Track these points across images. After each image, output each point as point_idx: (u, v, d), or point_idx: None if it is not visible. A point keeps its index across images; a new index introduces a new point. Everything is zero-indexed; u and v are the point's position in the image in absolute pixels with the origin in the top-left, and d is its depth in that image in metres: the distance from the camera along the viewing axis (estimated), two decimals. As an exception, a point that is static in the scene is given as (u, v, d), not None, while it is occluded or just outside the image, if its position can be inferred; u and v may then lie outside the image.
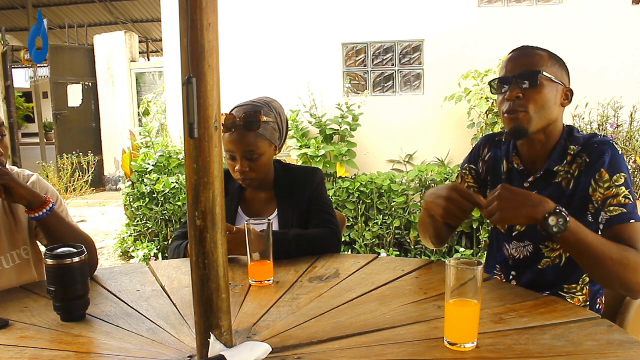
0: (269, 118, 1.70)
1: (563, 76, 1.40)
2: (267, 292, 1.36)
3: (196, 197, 0.94)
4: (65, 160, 7.53)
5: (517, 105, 1.35)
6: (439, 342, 1.02)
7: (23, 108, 17.13)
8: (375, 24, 5.22)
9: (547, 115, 1.36)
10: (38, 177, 1.58)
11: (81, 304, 1.21)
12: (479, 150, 1.60)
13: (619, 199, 1.27)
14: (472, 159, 1.62)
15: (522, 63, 1.37)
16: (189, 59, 0.90)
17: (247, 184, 1.73)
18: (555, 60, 1.40)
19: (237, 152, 1.67)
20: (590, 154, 1.34)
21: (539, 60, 1.37)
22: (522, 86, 1.35)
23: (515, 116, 1.36)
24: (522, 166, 1.47)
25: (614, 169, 1.30)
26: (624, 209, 1.26)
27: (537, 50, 1.40)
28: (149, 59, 12.09)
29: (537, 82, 1.34)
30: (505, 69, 1.41)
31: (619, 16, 4.70)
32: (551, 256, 1.43)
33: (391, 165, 5.18)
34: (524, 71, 1.35)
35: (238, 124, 1.64)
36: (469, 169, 1.61)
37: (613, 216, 1.27)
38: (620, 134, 3.74)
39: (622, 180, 1.29)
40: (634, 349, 0.97)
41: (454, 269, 0.99)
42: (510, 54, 1.44)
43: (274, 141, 1.73)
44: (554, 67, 1.38)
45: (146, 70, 8.32)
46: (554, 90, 1.36)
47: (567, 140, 1.40)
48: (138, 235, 4.80)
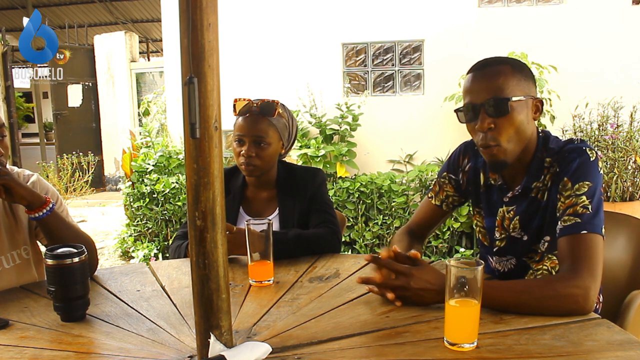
0: (284, 114, 1.76)
1: (530, 87, 1.30)
2: (267, 292, 1.36)
3: (196, 197, 0.94)
4: (65, 160, 7.52)
5: (490, 138, 1.28)
6: (439, 342, 1.02)
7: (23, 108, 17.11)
8: (375, 24, 5.22)
9: (522, 139, 1.30)
10: (38, 177, 1.58)
11: (81, 304, 1.21)
12: (458, 160, 1.56)
13: (576, 208, 1.22)
14: (450, 168, 1.58)
15: (487, 87, 1.27)
16: (189, 59, 0.90)
17: (250, 171, 1.73)
18: (519, 72, 1.29)
19: (247, 136, 1.70)
20: (560, 163, 1.30)
21: (504, 81, 1.26)
22: (492, 115, 1.26)
23: (490, 151, 1.30)
24: (500, 180, 1.43)
25: (577, 177, 1.25)
26: (578, 219, 1.21)
27: (500, 67, 1.29)
28: (149, 59, 12.08)
29: (508, 111, 1.25)
30: (470, 94, 1.30)
31: (619, 16, 4.70)
32: (538, 268, 1.42)
33: (391, 165, 5.18)
34: (490, 98, 1.26)
35: (254, 109, 1.70)
36: (448, 179, 1.58)
37: (565, 226, 1.22)
38: (620, 134, 3.74)
39: (584, 189, 1.23)
40: (634, 349, 0.97)
41: (454, 269, 0.99)
42: (471, 73, 1.33)
43: (283, 138, 1.76)
44: (520, 82, 1.28)
45: (146, 70, 8.32)
46: (524, 110, 1.28)
47: (543, 152, 1.35)
48: (138, 235, 4.80)
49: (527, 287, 1.16)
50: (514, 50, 4.46)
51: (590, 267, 1.16)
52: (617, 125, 3.80)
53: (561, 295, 1.12)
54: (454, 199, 1.59)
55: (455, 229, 4.04)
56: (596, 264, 1.17)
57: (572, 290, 1.12)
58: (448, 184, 1.59)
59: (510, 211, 1.42)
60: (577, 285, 1.13)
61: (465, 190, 1.56)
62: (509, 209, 1.42)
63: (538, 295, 1.13)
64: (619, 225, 1.67)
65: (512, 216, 1.42)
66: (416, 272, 1.18)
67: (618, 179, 3.62)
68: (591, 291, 1.13)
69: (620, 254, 1.65)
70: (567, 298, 1.12)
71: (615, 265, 1.62)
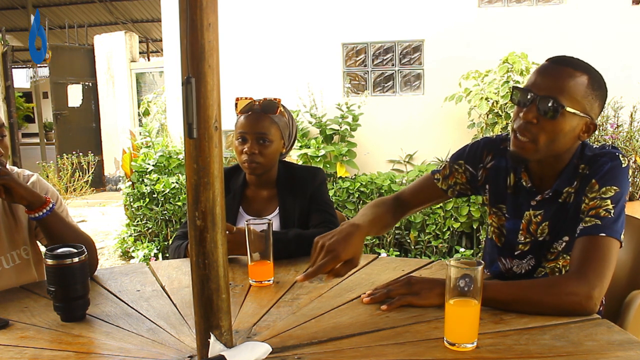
0: (285, 114, 1.79)
1: (593, 108, 1.25)
2: (267, 292, 1.36)
3: (196, 197, 0.94)
4: (65, 160, 7.52)
5: (528, 129, 1.24)
6: (439, 342, 1.02)
7: (23, 108, 17.12)
8: (375, 24, 5.22)
9: (556, 148, 1.26)
10: (38, 177, 1.58)
11: (81, 304, 1.21)
12: (481, 155, 1.48)
13: (599, 210, 1.20)
14: (470, 160, 1.50)
15: (551, 85, 1.21)
16: (189, 59, 0.90)
17: (252, 169, 1.74)
18: (592, 89, 1.23)
19: (250, 134, 1.71)
20: (591, 167, 1.27)
21: (572, 87, 1.20)
22: (540, 112, 1.21)
23: (521, 143, 1.26)
24: (529, 183, 1.38)
25: (605, 180, 1.23)
26: (599, 221, 1.19)
27: (578, 73, 1.22)
28: (149, 59, 12.08)
29: (556, 116, 1.20)
30: (533, 80, 1.25)
31: (619, 16, 4.70)
32: (546, 265, 1.41)
33: (391, 165, 5.18)
34: (547, 95, 1.20)
35: (256, 107, 1.72)
36: (464, 168, 1.50)
37: (585, 227, 1.20)
38: (620, 134, 3.74)
39: (610, 193, 1.21)
40: (634, 349, 0.97)
41: (454, 269, 0.99)
42: (549, 61, 1.26)
43: (284, 136, 1.78)
44: (587, 97, 1.22)
45: (146, 70, 8.32)
46: (573, 124, 1.22)
47: (579, 159, 1.31)
48: (138, 235, 4.80)
49: (531, 287, 1.16)
50: (514, 50, 4.45)
51: (598, 269, 1.14)
52: (617, 125, 3.80)
53: (563, 295, 1.12)
54: (462, 188, 1.53)
55: (455, 229, 4.04)
56: (605, 267, 1.15)
57: (575, 290, 1.12)
58: (462, 173, 1.51)
59: (538, 215, 1.38)
60: (580, 286, 1.12)
61: (481, 187, 1.50)
62: (537, 213, 1.38)
63: (541, 294, 1.13)
64: (619, 225, 1.67)
65: (539, 220, 1.38)
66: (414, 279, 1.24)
67: (618, 179, 3.61)
68: (595, 293, 1.12)
69: (621, 254, 1.62)
70: (569, 297, 1.12)
71: (615, 265, 1.62)
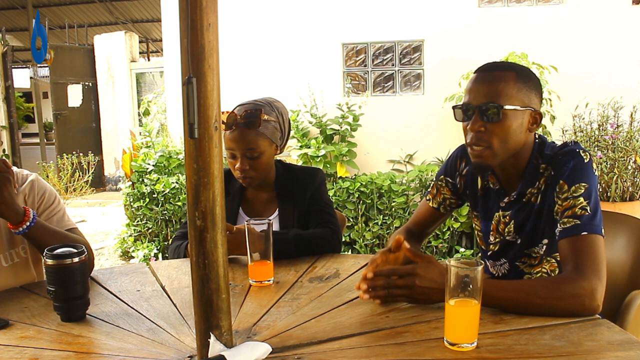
0: (270, 117, 1.70)
1: (531, 98, 1.30)
2: (267, 292, 1.36)
3: (196, 197, 0.94)
4: (65, 160, 7.52)
5: (479, 139, 1.29)
6: (439, 342, 1.02)
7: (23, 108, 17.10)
8: (375, 24, 5.22)
9: (511, 146, 1.30)
10: (37, 176, 1.58)
11: (81, 304, 1.21)
12: (456, 163, 1.56)
13: (574, 210, 1.23)
14: (448, 172, 1.58)
15: (485, 91, 1.28)
16: (189, 59, 0.90)
17: (247, 183, 1.73)
18: (523, 82, 1.29)
19: (238, 150, 1.67)
20: (554, 166, 1.31)
21: (504, 88, 1.27)
22: (484, 118, 1.27)
23: (477, 152, 1.31)
24: (497, 185, 1.43)
25: (572, 179, 1.25)
26: (578, 220, 1.21)
27: (504, 73, 1.29)
28: (149, 59, 12.08)
29: (499, 117, 1.26)
30: (469, 94, 1.32)
31: (619, 16, 4.70)
32: (531, 272, 1.42)
33: (391, 165, 5.18)
34: (485, 102, 1.27)
35: (238, 121, 1.65)
36: (445, 182, 1.59)
37: (565, 228, 1.23)
38: (620, 134, 3.74)
39: (581, 191, 1.24)
40: (634, 349, 0.97)
41: (454, 269, 0.99)
42: (475, 74, 1.33)
43: (275, 140, 1.72)
44: (521, 91, 1.28)
45: (146, 70, 8.31)
46: (519, 119, 1.28)
47: (538, 158, 1.35)
48: (138, 235, 4.80)
49: (534, 287, 1.16)
50: (514, 51, 4.46)
51: (594, 267, 1.15)
52: (617, 126, 3.79)
53: (568, 296, 1.12)
54: (451, 201, 1.60)
55: (455, 229, 4.04)
56: (600, 265, 1.16)
57: (578, 290, 1.12)
58: (445, 187, 1.59)
59: (506, 216, 1.43)
60: (583, 285, 1.13)
61: (463, 194, 1.57)
62: (505, 214, 1.43)
63: (545, 295, 1.13)
64: (619, 225, 1.67)
65: (507, 221, 1.43)
66: (421, 271, 1.17)
67: (618, 179, 3.62)
68: (597, 292, 1.13)
69: (620, 254, 1.65)
70: (574, 298, 1.12)
71: (615, 265, 1.62)
